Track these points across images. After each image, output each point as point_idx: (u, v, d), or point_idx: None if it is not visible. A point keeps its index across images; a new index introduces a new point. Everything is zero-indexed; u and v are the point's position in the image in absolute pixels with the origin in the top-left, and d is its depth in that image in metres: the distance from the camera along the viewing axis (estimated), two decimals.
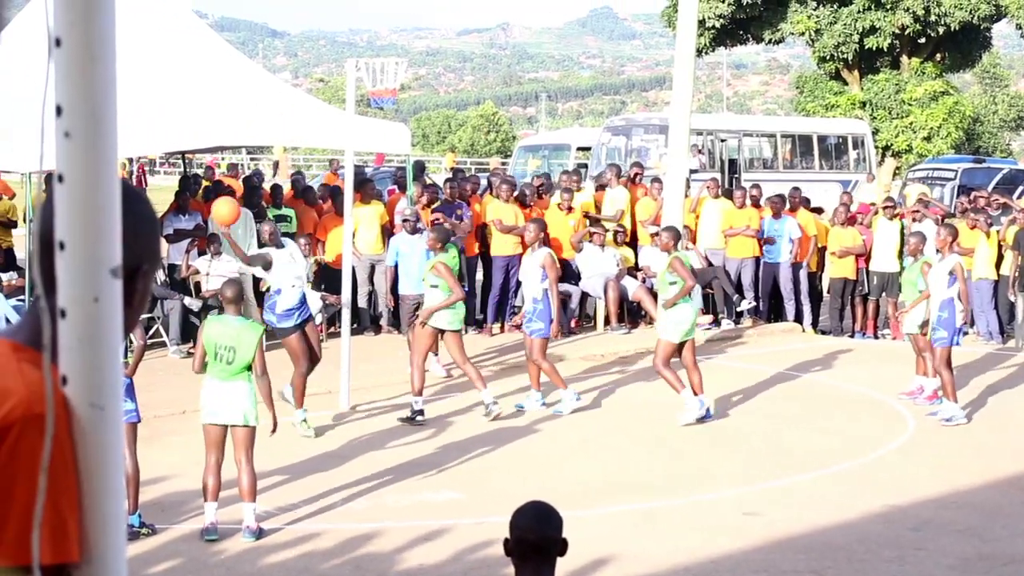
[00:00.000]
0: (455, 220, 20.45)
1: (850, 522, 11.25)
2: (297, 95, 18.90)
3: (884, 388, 16.73)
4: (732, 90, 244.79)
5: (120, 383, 2.24)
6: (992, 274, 21.11)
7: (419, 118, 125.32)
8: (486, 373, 16.51)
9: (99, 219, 2.16)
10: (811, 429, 14.05)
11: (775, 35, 45.44)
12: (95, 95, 2.14)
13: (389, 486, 12.27)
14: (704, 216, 22.81)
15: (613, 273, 21.15)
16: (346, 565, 9.99)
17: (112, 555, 2.26)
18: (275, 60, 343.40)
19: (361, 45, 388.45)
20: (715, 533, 10.88)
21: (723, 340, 21.11)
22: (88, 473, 2.23)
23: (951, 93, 45.46)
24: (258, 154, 52.50)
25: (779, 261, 22.04)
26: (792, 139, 34.82)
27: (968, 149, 60.95)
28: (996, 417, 15.72)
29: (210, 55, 16.79)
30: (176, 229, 20.29)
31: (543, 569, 5.00)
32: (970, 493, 12.26)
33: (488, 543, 10.11)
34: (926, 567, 10.04)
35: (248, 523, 10.49)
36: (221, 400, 10.48)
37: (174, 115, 14.95)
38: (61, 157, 2.16)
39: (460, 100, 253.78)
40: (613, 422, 15.21)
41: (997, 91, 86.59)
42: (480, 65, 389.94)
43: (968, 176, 33.97)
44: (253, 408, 10.51)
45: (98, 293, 2.17)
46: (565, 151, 36.63)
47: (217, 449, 10.53)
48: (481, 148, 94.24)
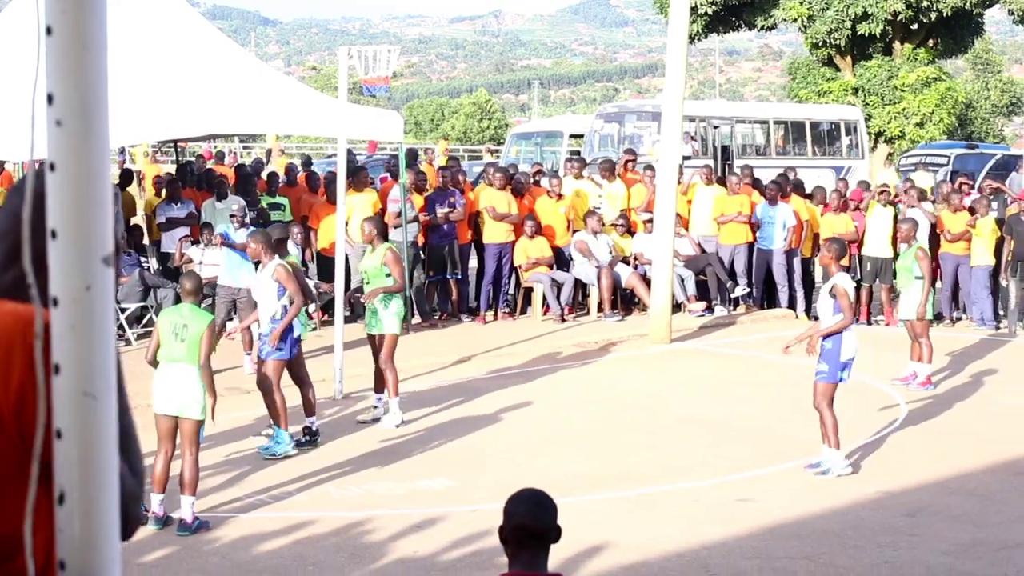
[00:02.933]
0: (448, 207, 20.46)
1: (844, 508, 11.27)
2: (290, 83, 18.85)
3: (877, 374, 16.74)
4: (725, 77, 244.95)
5: (112, 372, 2.24)
6: (990, 260, 21.12)
7: (412, 106, 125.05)
8: (475, 366, 16.49)
9: (91, 208, 2.16)
10: (804, 415, 14.04)
11: (767, 21, 45.46)
12: (87, 84, 2.14)
13: (383, 474, 12.28)
14: (696, 203, 22.83)
15: (606, 260, 21.18)
16: (341, 553, 10.00)
17: (106, 546, 2.26)
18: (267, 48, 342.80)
19: (354, 33, 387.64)
20: (708, 520, 10.89)
21: (717, 326, 21.13)
22: (82, 463, 2.22)
23: (944, 79, 45.49)
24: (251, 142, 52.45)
25: (772, 248, 22.04)
26: (785, 125, 34.81)
27: (961, 135, 61.00)
28: (989, 403, 15.75)
29: (202, 43, 16.74)
30: (169, 217, 20.30)
31: (538, 556, 5.02)
32: (964, 479, 12.28)
33: (483, 530, 10.12)
34: (920, 553, 10.06)
35: (183, 516, 10.51)
36: (169, 387, 10.62)
37: (166, 103, 14.91)
38: (53, 146, 2.15)
39: (453, 88, 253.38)
40: (605, 410, 15.22)
41: (989, 77, 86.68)
42: (472, 52, 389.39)
43: (961, 162, 34.03)
44: (200, 400, 10.61)
45: (90, 281, 2.17)
46: (558, 138, 36.61)
47: (168, 441, 10.67)
48: (474, 136, 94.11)
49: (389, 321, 14.08)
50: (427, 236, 20.67)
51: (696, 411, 15.09)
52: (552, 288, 21.10)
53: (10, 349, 2.65)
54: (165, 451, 10.67)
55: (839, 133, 35.68)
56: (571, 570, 9.38)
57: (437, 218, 20.40)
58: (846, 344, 12.30)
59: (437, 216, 20.39)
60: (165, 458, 10.65)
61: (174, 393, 10.59)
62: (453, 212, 20.48)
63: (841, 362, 12.28)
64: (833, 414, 12.28)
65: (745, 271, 22.32)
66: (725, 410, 15.22)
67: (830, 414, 12.27)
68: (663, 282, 19.61)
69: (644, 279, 21.15)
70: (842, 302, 12.27)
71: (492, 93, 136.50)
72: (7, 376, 2.64)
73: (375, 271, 14.12)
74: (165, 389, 10.64)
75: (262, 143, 49.11)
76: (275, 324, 12.88)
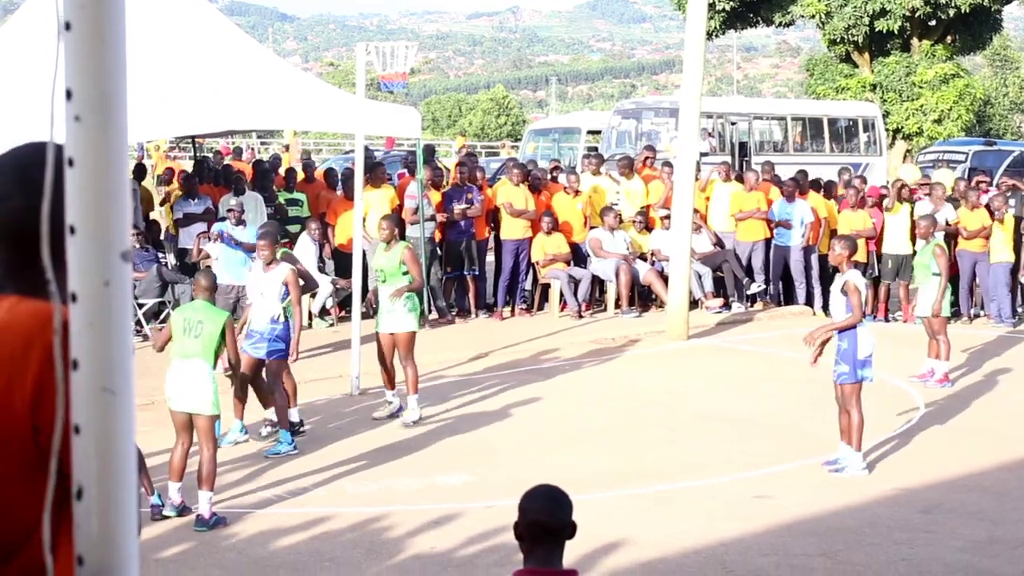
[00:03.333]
0: (466, 203, 20.46)
1: (860, 505, 11.25)
2: (307, 79, 18.87)
3: (895, 371, 16.70)
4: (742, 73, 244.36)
5: (131, 367, 2.24)
6: (1009, 256, 21.06)
7: (429, 102, 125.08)
8: (492, 363, 16.48)
9: (109, 203, 2.16)
10: (821, 412, 14.02)
11: (785, 18, 45.35)
12: (105, 79, 2.14)
13: (400, 469, 12.29)
14: (714, 199, 22.80)
15: (623, 255, 21.17)
16: (358, 548, 10.01)
17: (124, 542, 2.26)
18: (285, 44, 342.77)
19: (371, 29, 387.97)
20: (726, 517, 10.88)
21: (734, 323, 21.12)
22: (100, 459, 2.23)
23: (962, 75, 45.32)
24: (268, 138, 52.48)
25: (790, 244, 22.01)
26: (802, 122, 34.76)
27: (978, 132, 60.78)
28: (1006, 401, 15.71)
29: (220, 39, 16.77)
30: (186, 213, 20.34)
31: (553, 552, 5.02)
32: (980, 476, 12.25)
33: (500, 526, 10.12)
34: (936, 550, 10.04)
35: (201, 511, 10.54)
36: (181, 384, 10.66)
37: (184, 99, 14.94)
38: (71, 141, 2.16)
39: (470, 84, 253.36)
40: (623, 406, 15.21)
41: (1008, 73, 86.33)
42: (490, 49, 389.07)
43: (978, 159, 33.90)
44: (213, 395, 10.65)
45: (108, 277, 2.17)
46: (575, 135, 36.61)
47: (185, 433, 10.75)
48: (491, 132, 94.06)
49: (407, 319, 14.06)
50: (444, 232, 20.67)
51: (713, 408, 15.07)
52: (569, 284, 21.09)
53: (29, 346, 2.65)
54: (182, 443, 10.75)
55: (857, 130, 35.62)
56: (588, 567, 9.37)
57: (454, 214, 20.40)
58: (862, 342, 12.21)
59: (454, 212, 20.39)
60: (182, 449, 10.74)
61: (187, 389, 10.63)
62: (471, 208, 20.48)
63: (859, 360, 12.17)
64: (861, 414, 12.21)
65: (762, 268, 22.30)
66: (742, 407, 15.20)
67: (858, 414, 12.18)
68: (680, 278, 19.59)
69: (661, 275, 21.13)
70: (853, 299, 12.19)
71: (510, 89, 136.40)
72: (24, 373, 2.65)
73: (392, 270, 14.08)
74: (178, 386, 10.68)
75: (280, 139, 49.13)
76: (275, 325, 12.99)
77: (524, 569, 5.03)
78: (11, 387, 2.67)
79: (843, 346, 12.25)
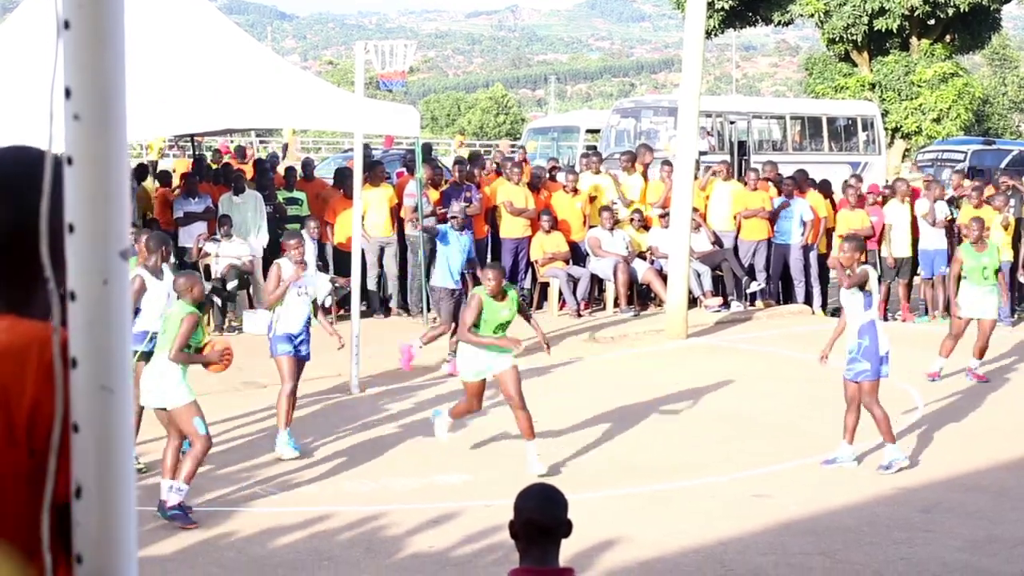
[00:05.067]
0: (464, 202, 20.44)
1: (859, 504, 11.25)
2: (306, 78, 18.89)
3: (893, 370, 16.66)
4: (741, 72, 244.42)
5: (129, 366, 2.24)
6: (1008, 255, 21.02)
7: (428, 100, 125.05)
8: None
9: (108, 201, 2.16)
10: (820, 411, 14.02)
11: (784, 16, 45.38)
12: (104, 77, 2.14)
13: (398, 468, 12.29)
14: (714, 198, 22.78)
15: (622, 254, 21.17)
16: (356, 547, 10.01)
17: (124, 540, 2.26)
18: (284, 43, 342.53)
19: (370, 27, 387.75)
20: (724, 516, 10.88)
21: (733, 322, 21.10)
22: (99, 456, 2.23)
23: (960, 75, 45.36)
24: (267, 137, 52.45)
25: (789, 243, 22.01)
26: (801, 121, 34.79)
27: (977, 131, 60.75)
28: (1005, 399, 15.71)
29: (219, 38, 16.78)
30: (186, 212, 20.33)
31: (549, 551, 5.02)
32: (979, 475, 12.26)
33: (498, 525, 10.10)
34: (935, 549, 10.04)
35: (163, 497, 10.50)
36: (149, 382, 10.68)
37: (183, 98, 14.95)
38: (70, 139, 2.16)
39: (469, 82, 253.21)
40: (621, 405, 15.19)
41: (1007, 72, 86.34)
42: (489, 47, 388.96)
43: (977, 158, 33.94)
44: (175, 387, 10.57)
45: (107, 275, 2.17)
46: (574, 133, 36.64)
47: (172, 428, 10.74)
48: (490, 130, 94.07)
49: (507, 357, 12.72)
50: None
51: (712, 407, 15.06)
52: (568, 283, 21.09)
53: (25, 365, 2.63)
54: (172, 439, 10.73)
55: (856, 129, 35.64)
56: (586, 565, 9.37)
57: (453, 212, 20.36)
58: (881, 338, 12.27)
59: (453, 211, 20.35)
60: (171, 446, 10.71)
61: (153, 386, 10.63)
62: (469, 207, 20.46)
63: (880, 356, 12.21)
64: (883, 408, 12.25)
65: (764, 267, 22.29)
66: (741, 406, 15.19)
67: (880, 409, 12.19)
68: (679, 277, 19.59)
69: (660, 274, 21.13)
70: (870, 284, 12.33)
71: (508, 88, 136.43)
72: (21, 392, 2.63)
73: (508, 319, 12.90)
74: (147, 382, 10.69)
75: (279, 138, 49.11)
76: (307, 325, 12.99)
77: (520, 568, 5.03)
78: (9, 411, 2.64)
79: (864, 343, 12.23)
